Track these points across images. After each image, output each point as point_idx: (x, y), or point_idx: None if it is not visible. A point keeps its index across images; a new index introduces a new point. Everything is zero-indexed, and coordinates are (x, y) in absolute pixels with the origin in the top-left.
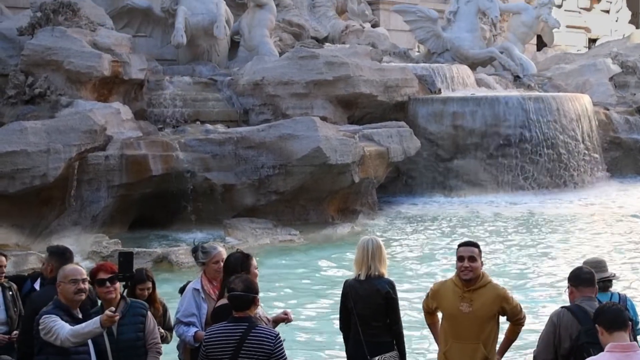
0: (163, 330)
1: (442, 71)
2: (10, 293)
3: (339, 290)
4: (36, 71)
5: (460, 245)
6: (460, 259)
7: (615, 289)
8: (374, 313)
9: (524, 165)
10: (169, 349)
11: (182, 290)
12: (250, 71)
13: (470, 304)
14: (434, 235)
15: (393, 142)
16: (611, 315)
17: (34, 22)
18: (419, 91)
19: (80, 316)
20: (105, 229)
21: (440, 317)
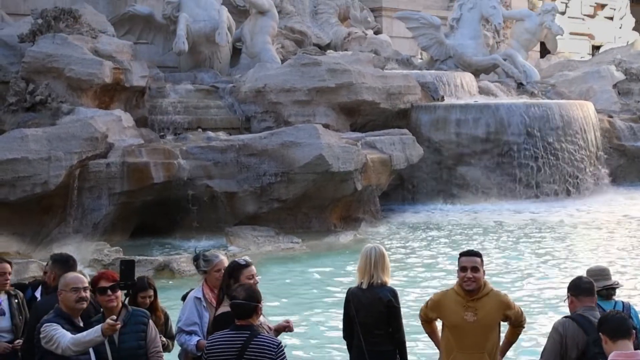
0: (165, 339)
1: (445, 78)
2: (16, 301)
3: (342, 299)
4: (37, 78)
5: (462, 255)
6: (463, 269)
7: (618, 296)
8: (376, 321)
9: (527, 172)
10: (170, 358)
11: (184, 298)
12: (252, 78)
13: (474, 313)
14: (437, 243)
15: (396, 149)
16: (615, 324)
17: (35, 29)
18: (421, 98)
19: (82, 324)
20: (107, 236)
21: (439, 327)
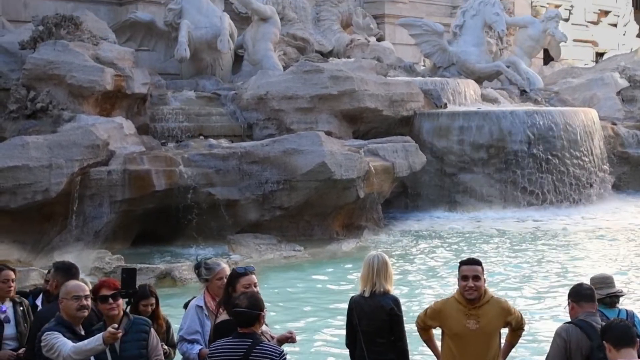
0: (166, 347)
1: (448, 85)
2: (22, 308)
3: (344, 307)
4: (38, 85)
5: (463, 264)
6: (464, 278)
7: (622, 305)
8: (378, 330)
9: (530, 180)
10: None
11: (186, 306)
12: (254, 85)
13: (477, 321)
14: (440, 251)
15: (398, 157)
16: (619, 332)
17: (36, 36)
18: (424, 106)
19: (83, 333)
20: (108, 244)
21: (433, 334)
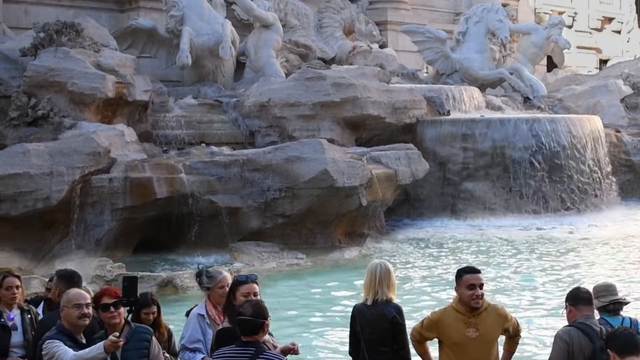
0: (168, 355)
1: (450, 92)
2: (29, 316)
3: (346, 315)
4: (39, 92)
5: (466, 272)
6: (471, 287)
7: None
8: (380, 338)
9: (534, 188)
10: None
11: (188, 314)
12: (256, 92)
13: (476, 328)
14: (443, 259)
15: (401, 164)
16: (623, 340)
17: (36, 43)
18: (427, 113)
19: (84, 341)
20: (109, 252)
21: (428, 347)
